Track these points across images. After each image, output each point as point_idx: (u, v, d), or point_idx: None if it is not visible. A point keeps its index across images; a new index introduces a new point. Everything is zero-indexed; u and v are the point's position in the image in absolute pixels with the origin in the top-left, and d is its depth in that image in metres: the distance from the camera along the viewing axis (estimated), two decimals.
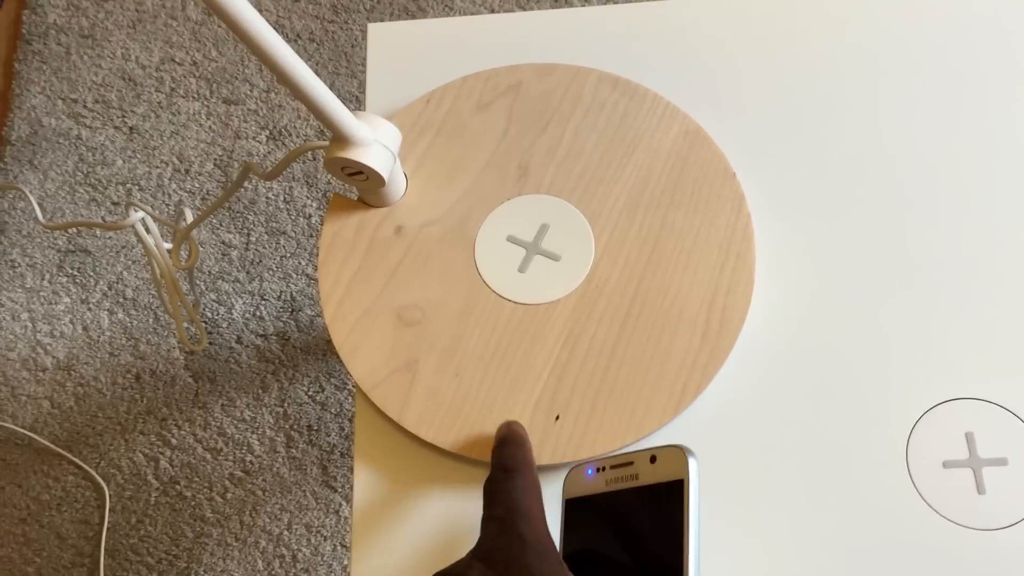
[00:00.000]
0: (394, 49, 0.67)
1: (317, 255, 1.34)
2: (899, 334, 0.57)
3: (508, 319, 0.57)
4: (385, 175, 0.56)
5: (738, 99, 0.63)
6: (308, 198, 1.36)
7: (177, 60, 1.45)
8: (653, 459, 0.45)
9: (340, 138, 0.55)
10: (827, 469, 0.55)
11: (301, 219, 1.35)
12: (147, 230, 0.86)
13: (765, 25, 0.65)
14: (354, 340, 0.58)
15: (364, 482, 0.56)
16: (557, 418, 0.55)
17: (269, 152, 1.39)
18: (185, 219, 0.85)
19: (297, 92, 0.50)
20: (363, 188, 0.59)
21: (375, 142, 0.56)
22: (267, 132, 1.41)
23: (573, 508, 0.48)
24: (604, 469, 0.47)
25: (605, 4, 1.39)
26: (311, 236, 1.35)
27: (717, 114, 0.62)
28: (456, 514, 0.55)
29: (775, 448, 0.56)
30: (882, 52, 0.64)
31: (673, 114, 0.61)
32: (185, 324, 1.32)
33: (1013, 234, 0.59)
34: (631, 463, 0.46)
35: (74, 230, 1.36)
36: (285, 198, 1.36)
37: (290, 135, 1.40)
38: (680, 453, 0.44)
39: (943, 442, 0.55)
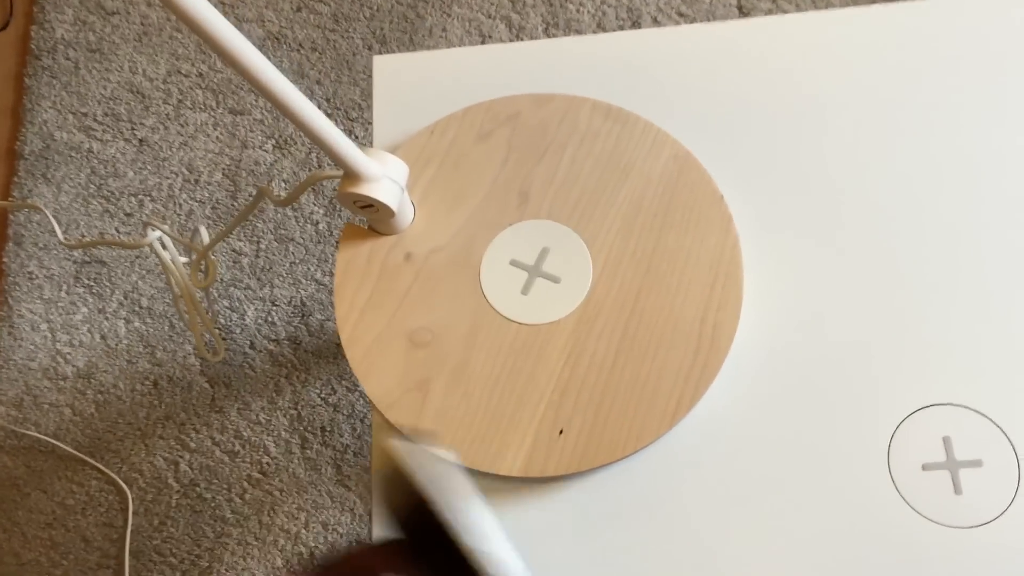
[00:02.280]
0: (399, 80, 0.70)
1: (325, 260, 1.38)
2: (879, 344, 0.61)
3: (513, 339, 0.61)
4: (394, 207, 0.60)
5: (724, 124, 0.67)
6: (315, 205, 1.40)
7: (183, 72, 1.49)
8: None
9: (352, 175, 0.58)
10: (813, 474, 0.59)
11: (309, 226, 1.39)
12: (164, 247, 0.90)
13: (748, 53, 0.68)
14: (369, 362, 0.62)
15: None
16: (560, 432, 0.59)
17: (275, 160, 1.43)
18: (200, 236, 0.89)
19: (312, 136, 0.54)
20: (373, 218, 0.63)
21: (384, 177, 0.59)
22: (273, 141, 1.44)
23: None
24: None
25: (596, 33, 1.42)
26: (319, 242, 1.39)
27: (705, 139, 0.66)
28: None
29: (764, 454, 0.59)
30: (859, 74, 0.67)
31: (663, 140, 0.65)
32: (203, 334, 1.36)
33: (983, 250, 0.63)
34: None
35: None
36: (293, 206, 1.40)
37: (295, 143, 1.43)
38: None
39: (922, 446, 0.59)
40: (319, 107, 1.20)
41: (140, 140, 1.46)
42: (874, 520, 0.58)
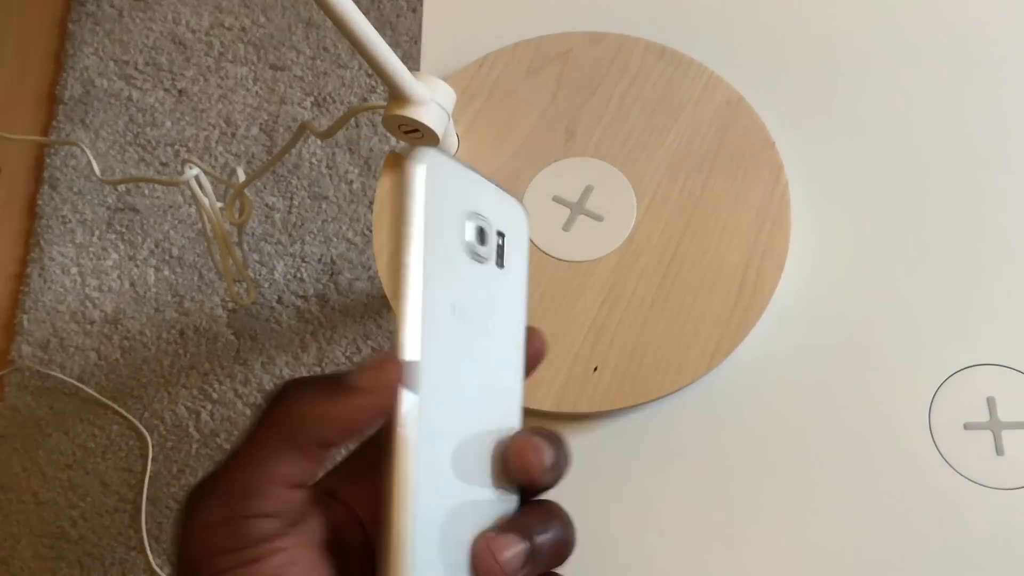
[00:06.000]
0: (449, 13, 0.70)
1: (357, 220, 1.37)
2: (925, 301, 0.59)
3: (552, 275, 0.60)
4: (440, 133, 0.59)
5: (781, 68, 0.65)
6: (350, 164, 1.39)
7: (226, 25, 1.49)
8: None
9: (399, 96, 0.57)
10: (852, 429, 0.57)
11: (343, 185, 1.39)
12: (200, 187, 0.90)
13: None
14: None
15: None
16: (595, 369, 0.58)
17: (314, 118, 1.43)
18: (237, 176, 0.88)
19: (362, 50, 0.53)
20: (417, 146, 0.62)
21: (432, 101, 0.58)
22: (312, 98, 1.44)
23: None
24: None
25: None
26: (352, 202, 1.38)
27: (759, 81, 0.64)
28: None
29: (802, 406, 0.58)
30: (924, 22, 0.66)
31: (716, 83, 0.64)
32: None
33: None
34: None
35: (124, 188, 1.41)
36: (328, 164, 1.40)
37: (334, 102, 1.43)
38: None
39: (965, 406, 0.57)
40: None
41: (180, 91, 1.46)
42: (913, 478, 0.56)
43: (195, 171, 0.87)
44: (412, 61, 1.43)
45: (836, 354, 0.59)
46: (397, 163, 0.64)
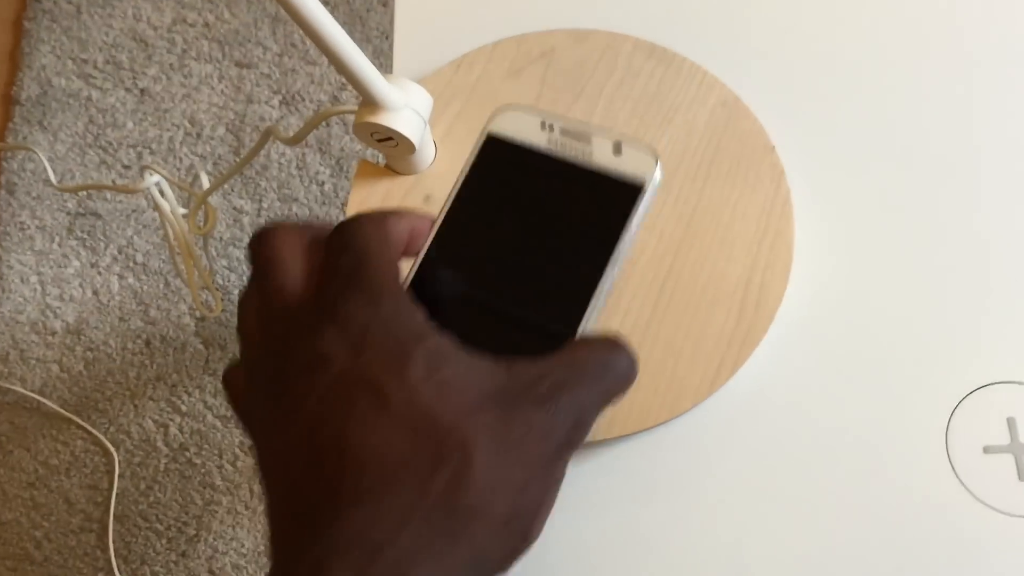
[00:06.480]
0: (423, 10, 0.65)
1: (330, 223, 1.32)
2: (939, 315, 0.56)
3: None
4: (416, 142, 0.54)
5: (780, 67, 0.61)
6: (321, 165, 1.34)
7: (189, 21, 1.43)
8: (617, 149, 0.37)
9: (371, 102, 0.53)
10: (865, 452, 0.54)
11: (314, 186, 1.34)
12: (162, 194, 0.85)
13: None
14: None
15: None
16: None
17: (282, 117, 1.38)
18: (200, 183, 0.83)
19: (329, 54, 0.49)
20: (391, 155, 0.57)
21: (406, 107, 0.54)
22: (280, 97, 1.38)
23: (494, 149, 0.40)
24: (552, 128, 0.38)
25: None
26: (323, 204, 1.33)
27: (757, 84, 0.60)
28: None
29: (809, 432, 0.54)
30: (933, 19, 0.62)
31: (711, 84, 0.59)
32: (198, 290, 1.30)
33: None
34: (589, 138, 0.37)
35: (85, 192, 1.35)
36: (298, 164, 1.34)
37: (303, 100, 1.38)
38: (649, 156, 0.36)
39: (984, 427, 0.54)
40: None
41: (141, 90, 1.40)
42: (930, 505, 0.52)
43: (155, 178, 0.82)
44: (384, 57, 1.38)
45: (845, 375, 0.55)
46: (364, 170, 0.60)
